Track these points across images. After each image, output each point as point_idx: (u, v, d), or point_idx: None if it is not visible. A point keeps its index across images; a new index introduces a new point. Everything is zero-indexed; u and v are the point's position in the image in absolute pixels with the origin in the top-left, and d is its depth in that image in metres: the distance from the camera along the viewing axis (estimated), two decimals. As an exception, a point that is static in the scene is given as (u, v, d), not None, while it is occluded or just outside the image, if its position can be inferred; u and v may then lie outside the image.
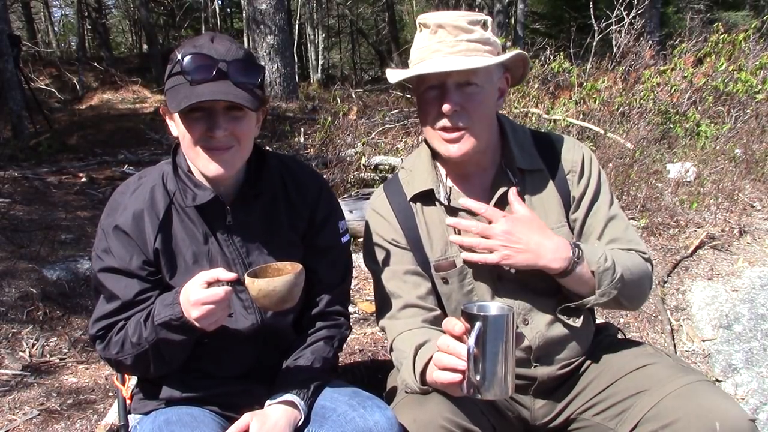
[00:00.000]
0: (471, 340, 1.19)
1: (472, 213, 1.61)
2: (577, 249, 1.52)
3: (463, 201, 1.58)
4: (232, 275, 1.30)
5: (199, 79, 1.33)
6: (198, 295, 1.28)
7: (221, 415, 1.55)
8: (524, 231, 1.52)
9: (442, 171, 1.65)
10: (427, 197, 1.64)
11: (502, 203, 1.61)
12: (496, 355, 1.20)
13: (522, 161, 1.62)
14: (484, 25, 1.53)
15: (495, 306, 1.31)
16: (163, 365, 1.46)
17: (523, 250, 1.51)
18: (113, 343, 1.45)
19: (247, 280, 1.28)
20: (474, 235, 1.55)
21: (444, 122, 1.53)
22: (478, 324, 1.19)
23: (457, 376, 1.24)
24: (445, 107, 1.50)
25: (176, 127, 1.43)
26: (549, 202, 1.64)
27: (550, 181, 1.64)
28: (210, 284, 1.29)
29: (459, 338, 1.25)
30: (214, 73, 1.33)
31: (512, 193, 1.58)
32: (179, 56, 1.34)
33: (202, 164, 1.42)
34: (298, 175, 1.61)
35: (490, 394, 1.22)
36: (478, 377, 1.21)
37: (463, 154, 1.55)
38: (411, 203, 1.64)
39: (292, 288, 1.30)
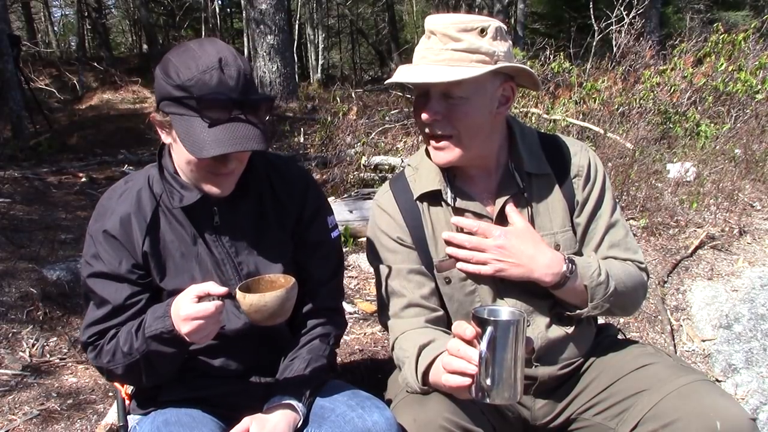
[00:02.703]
0: (483, 345, 1.19)
1: (478, 215, 1.61)
2: (570, 264, 1.54)
3: (456, 220, 1.59)
4: (223, 289, 1.29)
5: (217, 121, 1.31)
6: (188, 310, 1.27)
7: (220, 415, 1.54)
8: (518, 245, 1.54)
9: (448, 171, 1.64)
10: (433, 197, 1.63)
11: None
12: (507, 360, 1.20)
13: (530, 166, 1.62)
14: (482, 32, 1.48)
15: (506, 311, 1.31)
16: (155, 376, 1.45)
17: (516, 264, 1.54)
18: (105, 352, 1.44)
19: (239, 295, 1.27)
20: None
21: (427, 129, 1.54)
22: (490, 329, 1.19)
23: (467, 380, 1.24)
24: (424, 116, 1.51)
25: (175, 143, 1.39)
26: (555, 207, 1.64)
27: (557, 186, 1.64)
28: (201, 298, 1.28)
29: (469, 342, 1.25)
30: (231, 115, 1.32)
31: (510, 206, 1.59)
32: (194, 91, 1.29)
33: (205, 187, 1.43)
34: (284, 173, 1.60)
35: (498, 399, 1.23)
36: (488, 381, 1.21)
37: (447, 163, 1.56)
38: (417, 202, 1.64)
39: (284, 303, 1.28)
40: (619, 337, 1.81)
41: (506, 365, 1.20)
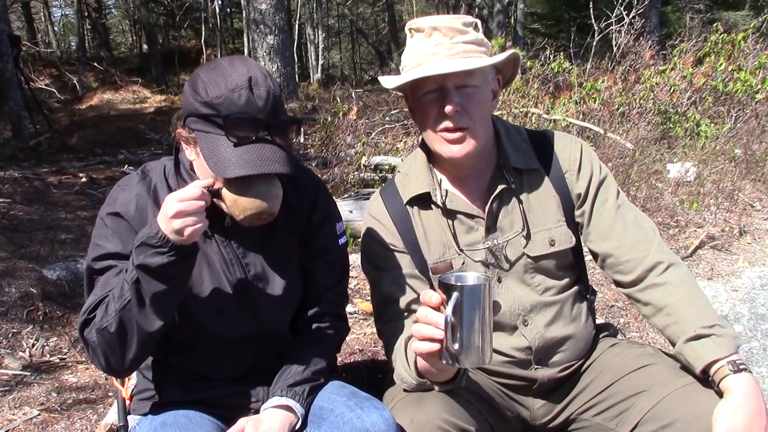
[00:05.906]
0: (448, 310, 1.20)
1: (469, 215, 1.61)
2: (736, 365, 1.40)
3: None
4: (208, 181, 1.34)
5: (243, 141, 1.31)
6: (174, 207, 1.26)
7: (219, 417, 1.54)
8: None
9: (439, 174, 1.65)
10: (423, 200, 1.64)
11: (499, 205, 1.62)
12: (473, 324, 1.21)
13: (517, 161, 1.63)
14: (476, 27, 1.56)
15: (472, 276, 1.32)
16: (148, 320, 1.34)
17: None
18: (98, 315, 1.38)
19: (224, 190, 1.33)
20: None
21: (446, 124, 1.53)
22: (455, 294, 1.20)
23: (435, 346, 1.24)
24: (448, 108, 1.50)
25: (198, 159, 1.39)
26: (546, 202, 1.64)
27: (547, 181, 1.64)
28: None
29: (436, 308, 1.25)
30: (257, 136, 1.32)
31: None
32: (221, 109, 1.30)
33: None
34: (295, 178, 1.60)
35: (468, 363, 1.24)
36: (456, 346, 1.22)
37: (465, 155, 1.55)
38: (407, 207, 1.65)
39: (272, 198, 1.33)
40: (619, 337, 1.81)
41: (473, 329, 1.21)
